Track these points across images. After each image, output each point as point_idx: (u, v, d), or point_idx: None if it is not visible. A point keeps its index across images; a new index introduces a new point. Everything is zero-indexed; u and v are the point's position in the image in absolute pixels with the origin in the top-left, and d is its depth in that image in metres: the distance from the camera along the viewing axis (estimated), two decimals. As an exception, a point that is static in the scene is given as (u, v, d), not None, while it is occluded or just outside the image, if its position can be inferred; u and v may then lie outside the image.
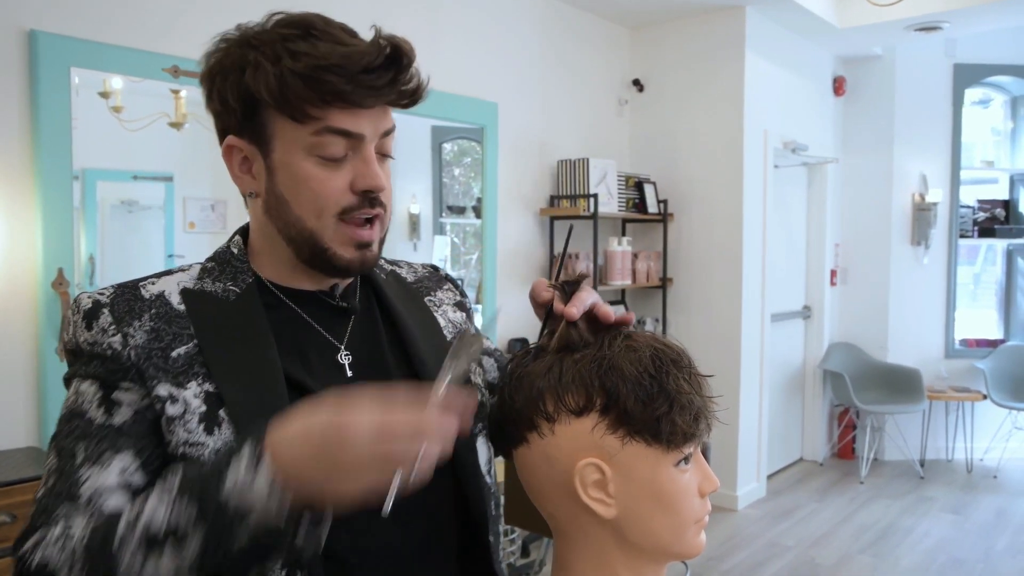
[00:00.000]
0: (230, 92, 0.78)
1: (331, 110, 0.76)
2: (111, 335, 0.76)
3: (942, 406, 5.20)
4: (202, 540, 0.63)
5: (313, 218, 0.79)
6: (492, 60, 3.66)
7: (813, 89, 4.95)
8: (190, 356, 0.77)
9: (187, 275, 0.83)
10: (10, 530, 1.84)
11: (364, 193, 0.80)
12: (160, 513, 0.65)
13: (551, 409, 0.76)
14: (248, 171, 0.82)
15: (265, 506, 0.63)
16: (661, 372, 0.74)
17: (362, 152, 0.79)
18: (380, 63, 0.76)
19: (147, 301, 0.79)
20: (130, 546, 0.64)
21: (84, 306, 0.78)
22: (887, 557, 3.66)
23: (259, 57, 0.76)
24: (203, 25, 2.57)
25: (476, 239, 3.70)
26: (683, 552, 0.78)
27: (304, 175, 0.78)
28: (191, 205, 2.59)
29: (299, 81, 0.74)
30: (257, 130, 0.79)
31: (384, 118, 0.81)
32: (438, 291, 1.01)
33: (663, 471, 0.75)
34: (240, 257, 0.85)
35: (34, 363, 2.21)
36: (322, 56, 0.74)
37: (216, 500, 0.63)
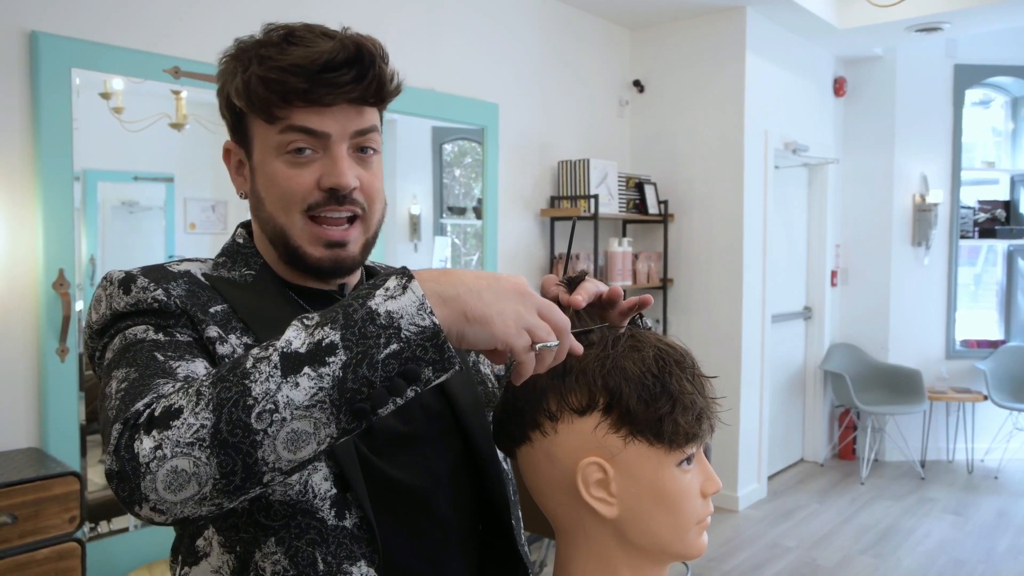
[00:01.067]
0: (222, 101, 0.85)
1: (294, 109, 0.80)
2: (153, 291, 0.78)
3: (943, 407, 5.20)
4: (347, 352, 0.59)
5: (282, 215, 0.83)
6: (492, 61, 3.66)
7: (814, 90, 4.95)
8: (226, 313, 0.81)
9: (203, 264, 0.88)
10: (10, 531, 1.84)
11: (331, 191, 0.82)
12: (300, 336, 0.61)
13: (554, 408, 0.76)
14: (241, 173, 0.88)
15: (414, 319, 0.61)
16: (664, 372, 0.74)
17: (331, 150, 0.81)
18: (340, 61, 0.78)
19: (175, 273, 0.82)
20: (265, 366, 0.60)
21: (117, 277, 0.80)
22: (888, 558, 3.66)
23: (236, 65, 0.82)
24: (204, 26, 2.57)
25: (477, 240, 3.70)
26: (685, 553, 0.78)
27: (273, 173, 0.82)
28: (192, 206, 2.59)
29: (260, 84, 0.79)
30: (242, 134, 0.85)
31: (356, 117, 0.82)
32: None
33: (665, 471, 0.75)
34: (247, 245, 0.89)
35: (35, 364, 2.21)
36: (283, 58, 0.78)
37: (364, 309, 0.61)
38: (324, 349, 0.60)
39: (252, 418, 0.59)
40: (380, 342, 0.60)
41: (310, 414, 0.59)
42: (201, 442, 0.58)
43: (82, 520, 1.97)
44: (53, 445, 2.19)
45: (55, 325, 2.21)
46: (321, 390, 0.59)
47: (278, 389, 0.59)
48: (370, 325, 0.60)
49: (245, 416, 0.59)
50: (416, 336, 0.61)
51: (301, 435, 0.60)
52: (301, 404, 0.59)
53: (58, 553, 1.91)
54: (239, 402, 0.59)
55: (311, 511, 0.75)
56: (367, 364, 0.60)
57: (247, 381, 0.59)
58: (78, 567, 1.95)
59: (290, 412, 0.59)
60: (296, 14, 2.89)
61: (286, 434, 0.59)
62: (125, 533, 2.37)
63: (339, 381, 0.59)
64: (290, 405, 0.59)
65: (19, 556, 1.85)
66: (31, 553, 1.87)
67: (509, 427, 0.81)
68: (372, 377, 0.60)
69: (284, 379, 0.59)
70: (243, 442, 0.59)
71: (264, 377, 0.59)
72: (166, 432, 0.59)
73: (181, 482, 0.59)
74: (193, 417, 0.59)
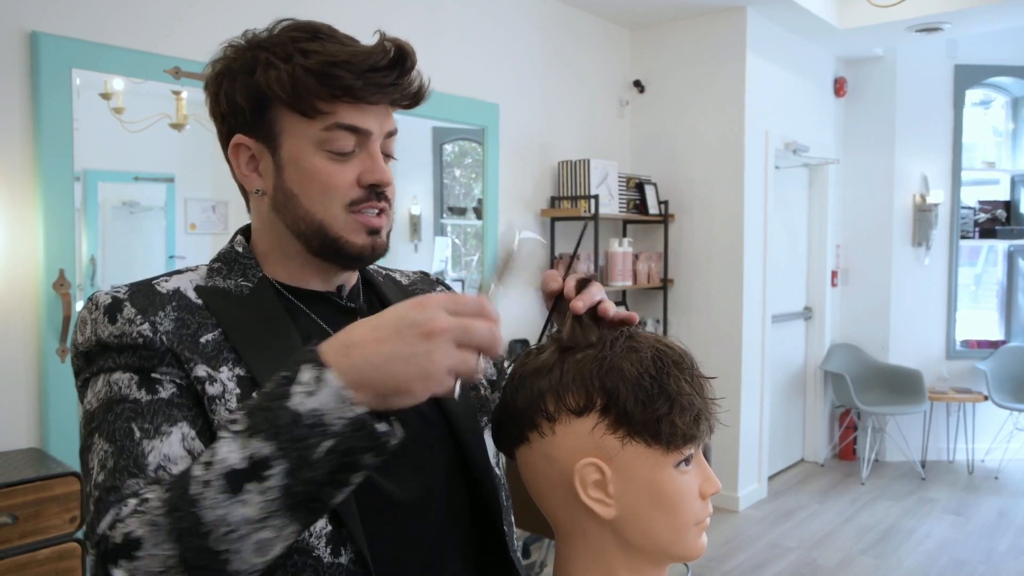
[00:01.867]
0: (239, 92, 0.81)
1: (340, 105, 0.80)
2: (139, 324, 0.76)
3: (943, 407, 5.20)
4: (285, 462, 0.60)
5: (322, 211, 0.82)
6: (493, 61, 3.66)
7: (814, 90, 4.95)
8: (218, 343, 0.78)
9: (196, 274, 0.85)
10: (11, 531, 1.84)
11: (371, 187, 0.83)
12: (234, 450, 0.61)
13: (552, 409, 0.76)
14: (255, 169, 0.85)
15: (340, 414, 0.61)
16: (662, 373, 0.74)
17: (368, 148, 0.83)
18: (385, 63, 0.80)
19: (164, 295, 0.80)
20: (211, 490, 0.61)
21: (103, 303, 0.77)
22: (889, 558, 3.66)
23: (270, 57, 0.80)
24: (204, 26, 2.57)
25: (477, 240, 3.70)
26: (684, 554, 0.77)
27: (313, 169, 0.81)
28: (192, 206, 2.59)
29: (311, 77, 0.78)
30: (266, 128, 0.82)
31: (388, 118, 0.85)
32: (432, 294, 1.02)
33: (663, 472, 0.75)
34: (246, 255, 0.87)
35: (35, 364, 2.21)
36: (332, 54, 0.78)
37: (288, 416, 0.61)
38: (260, 463, 0.61)
39: (212, 542, 0.60)
40: (311, 443, 0.61)
41: (267, 523, 0.61)
42: (172, 569, 0.60)
43: (82, 520, 1.96)
44: (53, 445, 2.19)
45: (55, 325, 2.21)
46: (271, 501, 0.61)
47: (228, 512, 0.60)
48: (296, 428, 0.61)
49: (205, 542, 0.60)
50: (346, 428, 0.62)
51: (265, 541, 0.62)
52: (256, 519, 0.61)
53: (58, 553, 1.91)
54: (195, 530, 0.60)
55: (307, 549, 0.74)
56: (307, 466, 0.61)
57: (196, 510, 0.60)
58: (78, 567, 1.95)
59: (248, 528, 0.61)
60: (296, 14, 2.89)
61: (251, 545, 0.61)
62: (125, 533, 2.37)
63: (286, 489, 0.61)
64: (246, 522, 0.60)
65: (19, 556, 1.85)
66: (31, 553, 1.87)
67: (507, 428, 0.81)
68: (315, 476, 0.61)
69: (232, 500, 0.60)
70: (212, 563, 0.61)
71: (211, 503, 0.60)
72: (134, 563, 0.61)
73: None
74: (156, 549, 0.60)
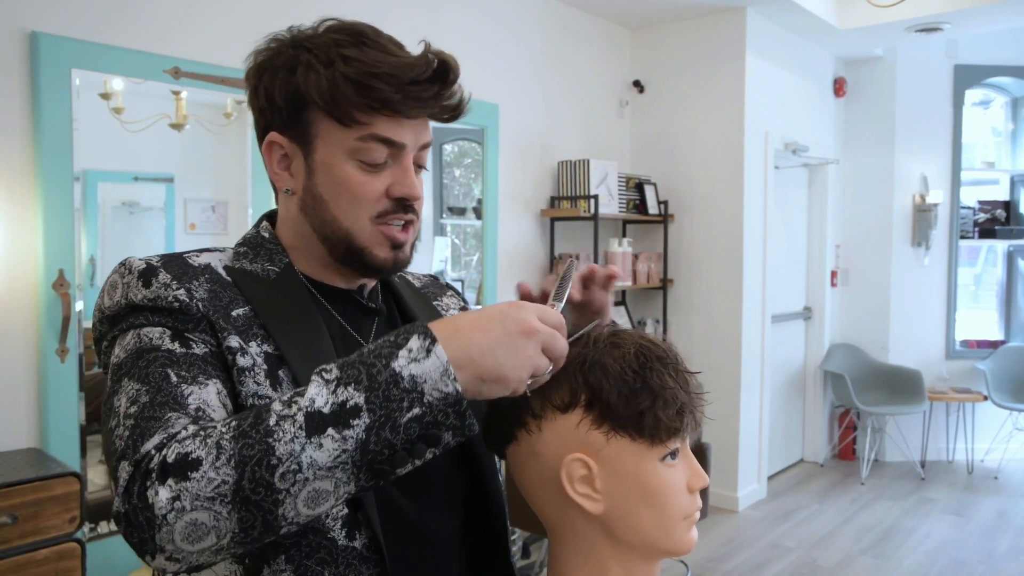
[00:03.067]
0: (278, 89, 0.80)
1: (377, 117, 0.79)
2: (175, 289, 0.75)
3: (943, 407, 5.20)
4: (370, 415, 0.61)
5: (349, 220, 0.82)
6: (493, 61, 3.66)
7: (814, 90, 4.95)
8: (248, 318, 0.78)
9: (224, 255, 0.85)
10: (10, 531, 1.84)
11: (399, 200, 0.82)
12: (323, 393, 0.62)
13: (537, 406, 0.77)
14: (287, 168, 0.84)
15: (437, 384, 0.62)
16: (644, 368, 0.75)
17: (402, 161, 0.82)
18: (427, 76, 0.78)
19: (197, 268, 0.79)
20: (292, 424, 0.60)
21: (137, 267, 0.76)
22: (889, 558, 3.66)
23: (311, 59, 0.78)
24: (204, 27, 2.57)
25: (477, 240, 3.70)
26: (673, 548, 0.78)
27: (344, 177, 0.80)
28: (192, 206, 2.59)
29: (350, 86, 0.77)
30: (301, 129, 0.81)
31: (425, 130, 0.84)
32: (443, 297, 1.05)
33: (648, 466, 0.75)
34: (272, 241, 0.87)
35: (35, 364, 2.21)
36: (374, 64, 0.77)
37: (388, 372, 0.62)
38: (348, 411, 0.61)
39: (275, 478, 0.60)
40: (403, 406, 0.62)
41: (332, 474, 0.61)
42: (223, 497, 0.59)
43: (82, 520, 1.97)
44: (53, 445, 2.19)
45: (55, 325, 2.21)
46: (344, 452, 0.61)
47: (302, 450, 0.60)
48: (393, 388, 0.62)
49: (268, 475, 0.59)
50: (439, 402, 0.62)
51: (321, 493, 0.62)
52: (324, 465, 0.60)
53: (58, 553, 1.91)
54: (262, 461, 0.60)
55: (323, 530, 0.74)
56: (390, 427, 0.61)
57: (270, 440, 0.60)
58: (78, 567, 1.95)
59: (313, 472, 0.60)
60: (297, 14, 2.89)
61: (307, 493, 0.61)
62: (125, 533, 2.38)
63: (362, 443, 0.61)
64: (313, 466, 0.60)
65: (19, 556, 1.86)
66: (31, 553, 1.88)
67: (497, 426, 0.82)
68: (394, 440, 0.62)
69: (308, 440, 0.60)
70: (265, 500, 0.60)
71: (288, 437, 0.60)
72: (184, 484, 0.59)
73: (200, 534, 0.59)
74: (214, 472, 0.59)
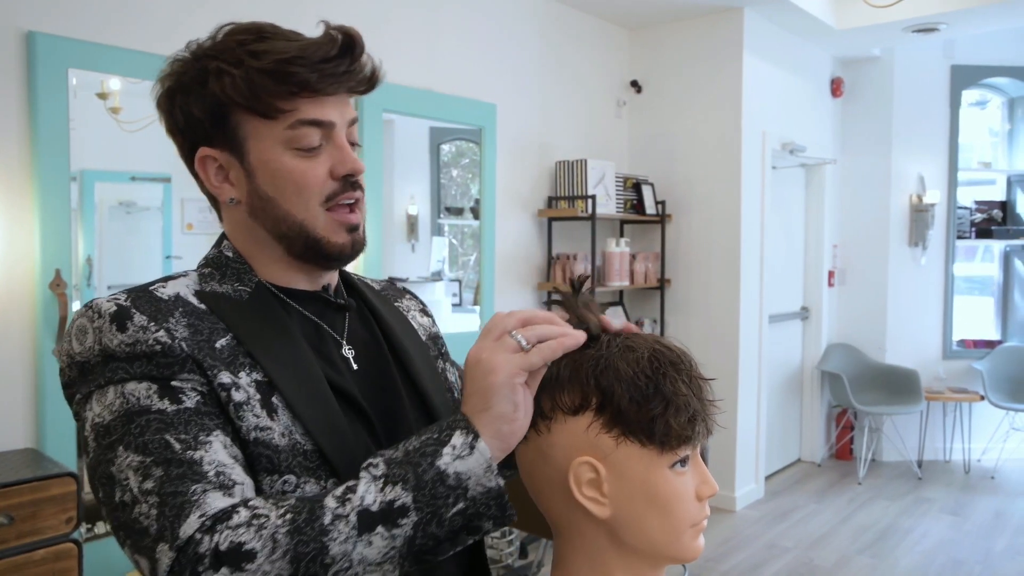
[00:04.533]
0: (195, 105, 0.80)
1: (299, 101, 0.79)
2: (154, 331, 0.73)
3: (940, 407, 5.21)
4: (418, 514, 0.65)
5: (301, 210, 0.82)
6: (491, 61, 3.66)
7: (811, 90, 4.96)
8: (232, 347, 0.77)
9: (189, 279, 0.83)
10: (7, 532, 1.83)
11: (344, 178, 0.83)
12: (372, 492, 0.65)
13: (547, 407, 0.76)
14: (225, 179, 0.83)
15: (481, 480, 0.66)
16: (658, 373, 0.74)
17: (335, 140, 0.82)
18: (336, 52, 0.79)
19: (168, 301, 0.78)
20: (343, 525, 0.63)
21: (107, 310, 0.74)
22: (886, 558, 3.66)
23: (220, 64, 0.78)
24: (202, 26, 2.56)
25: (474, 240, 3.70)
26: (679, 556, 0.77)
27: (285, 169, 0.81)
28: (189, 206, 2.58)
29: (266, 77, 0.77)
30: (229, 136, 0.81)
31: (347, 107, 0.84)
32: (402, 299, 1.06)
33: (657, 472, 0.75)
34: (237, 259, 0.85)
35: (32, 364, 2.20)
36: (283, 51, 0.78)
37: (434, 471, 0.66)
38: (397, 511, 0.65)
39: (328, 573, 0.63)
40: (449, 502, 0.66)
41: (380, 568, 0.65)
42: None
43: (79, 521, 1.96)
44: (50, 446, 2.19)
45: (52, 325, 2.20)
46: (393, 548, 0.65)
47: (354, 548, 0.64)
48: (440, 486, 0.65)
49: (322, 572, 0.63)
50: (482, 496, 0.67)
51: None
52: (373, 561, 0.65)
53: (55, 554, 1.91)
54: (317, 559, 0.63)
55: None
56: (436, 523, 0.65)
57: (325, 539, 0.63)
58: (75, 568, 1.94)
59: (363, 568, 0.64)
60: (294, 14, 2.89)
61: None
62: (122, 534, 2.37)
63: (409, 539, 0.65)
64: (363, 561, 0.64)
65: (16, 557, 1.85)
66: (28, 554, 1.87)
67: None
68: (439, 533, 0.66)
69: (359, 538, 0.64)
70: None
71: (343, 538, 0.63)
72: (241, 574, 0.61)
73: None
74: (269, 564, 0.62)
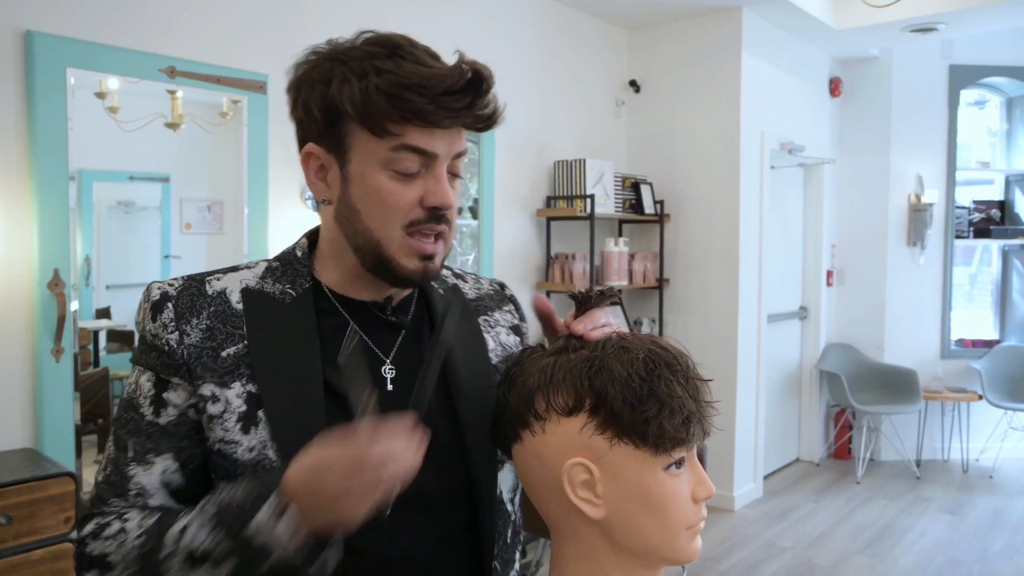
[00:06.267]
0: (315, 102, 0.82)
1: (409, 127, 0.79)
2: (169, 331, 0.83)
3: (938, 406, 5.21)
4: (233, 567, 0.73)
5: (381, 228, 0.82)
6: (489, 61, 3.60)
7: (810, 90, 4.96)
8: (238, 357, 0.82)
9: (252, 272, 0.89)
10: (5, 532, 1.83)
11: (432, 209, 0.83)
12: (200, 536, 0.74)
13: (541, 408, 0.76)
14: (323, 178, 0.86)
15: (285, 545, 0.72)
16: (653, 375, 0.73)
17: (434, 170, 0.82)
18: (460, 86, 0.79)
19: (209, 297, 0.85)
20: (176, 560, 0.74)
21: (153, 296, 0.85)
22: (884, 557, 3.67)
23: (346, 71, 0.80)
24: (200, 26, 2.57)
25: (473, 240, 3.70)
26: (675, 557, 0.77)
27: (377, 187, 0.82)
28: (188, 206, 2.58)
29: (382, 97, 0.78)
30: (336, 140, 0.83)
31: (458, 140, 0.84)
32: (496, 311, 1.01)
33: (652, 474, 0.74)
34: (302, 260, 0.89)
35: (30, 364, 2.20)
36: (406, 75, 0.78)
37: (244, 535, 0.72)
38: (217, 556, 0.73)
39: None
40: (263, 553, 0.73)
41: None
42: None
43: (77, 521, 1.96)
44: (48, 446, 2.18)
45: (50, 325, 2.20)
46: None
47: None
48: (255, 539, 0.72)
49: None
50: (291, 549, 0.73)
51: None
52: None
53: (53, 554, 1.91)
54: None
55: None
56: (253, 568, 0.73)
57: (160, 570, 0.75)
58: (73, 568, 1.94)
59: None
60: (294, 15, 2.88)
61: None
62: (121, 534, 2.37)
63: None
64: None
65: (14, 557, 1.85)
66: (26, 554, 1.87)
67: (502, 425, 0.82)
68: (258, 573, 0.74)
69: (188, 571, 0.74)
70: None
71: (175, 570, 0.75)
72: None
73: None
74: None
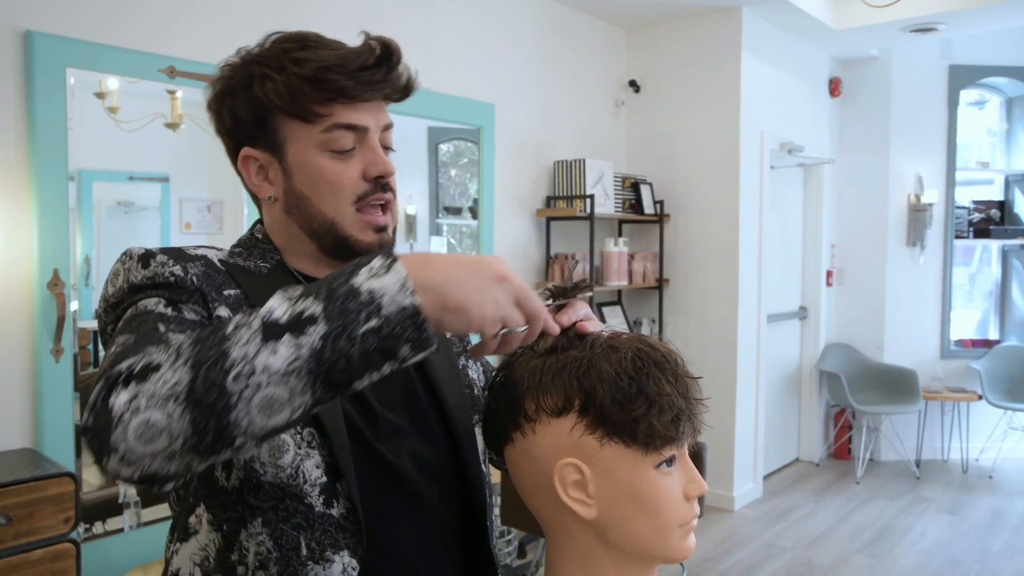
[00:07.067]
0: (241, 107, 0.87)
1: (335, 107, 0.85)
2: (171, 266, 0.81)
3: (938, 406, 5.21)
4: (326, 324, 0.61)
5: (333, 208, 0.87)
6: (489, 61, 3.66)
7: (809, 90, 4.96)
8: (239, 298, 0.84)
9: (220, 252, 0.90)
10: (4, 532, 1.83)
11: (376, 179, 0.88)
12: (283, 306, 0.63)
13: (531, 410, 0.76)
14: (265, 178, 0.90)
15: (395, 297, 0.62)
16: (641, 374, 0.73)
17: (368, 142, 0.88)
18: (374, 61, 0.85)
19: (194, 256, 0.85)
20: (248, 330, 0.61)
21: (137, 253, 0.83)
22: (884, 557, 3.67)
23: (265, 70, 0.85)
24: (199, 26, 2.57)
25: (472, 240, 3.70)
26: (668, 556, 0.76)
27: (320, 170, 0.86)
28: (187, 206, 2.58)
29: (305, 84, 0.83)
30: (270, 137, 0.87)
31: (382, 113, 0.90)
32: None
33: (642, 473, 0.74)
34: (264, 241, 0.92)
35: (30, 364, 2.20)
36: (323, 59, 0.84)
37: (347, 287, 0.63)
38: (304, 320, 0.61)
39: (228, 380, 0.59)
40: (360, 317, 0.61)
41: (286, 381, 0.60)
42: (175, 397, 0.59)
43: (77, 521, 1.96)
44: (48, 446, 2.19)
45: (50, 325, 2.20)
46: (299, 359, 0.60)
47: (256, 354, 0.60)
48: (351, 301, 0.62)
49: (222, 377, 0.59)
50: (396, 314, 0.62)
51: (276, 401, 0.60)
52: (278, 370, 0.60)
53: (53, 554, 1.91)
54: (217, 363, 0.60)
55: (299, 496, 0.78)
56: (346, 337, 0.61)
57: (226, 344, 0.61)
58: (73, 568, 1.94)
59: (267, 377, 0.60)
60: (293, 15, 2.89)
61: (261, 399, 0.60)
62: (120, 534, 2.37)
63: (317, 352, 0.60)
64: (267, 370, 0.60)
65: (13, 557, 1.85)
66: (25, 554, 1.87)
67: (493, 427, 0.82)
68: (350, 350, 0.61)
69: (263, 344, 0.60)
70: (217, 402, 0.59)
71: (244, 341, 0.61)
72: (142, 385, 0.60)
73: (152, 434, 0.59)
74: (171, 372, 0.60)
